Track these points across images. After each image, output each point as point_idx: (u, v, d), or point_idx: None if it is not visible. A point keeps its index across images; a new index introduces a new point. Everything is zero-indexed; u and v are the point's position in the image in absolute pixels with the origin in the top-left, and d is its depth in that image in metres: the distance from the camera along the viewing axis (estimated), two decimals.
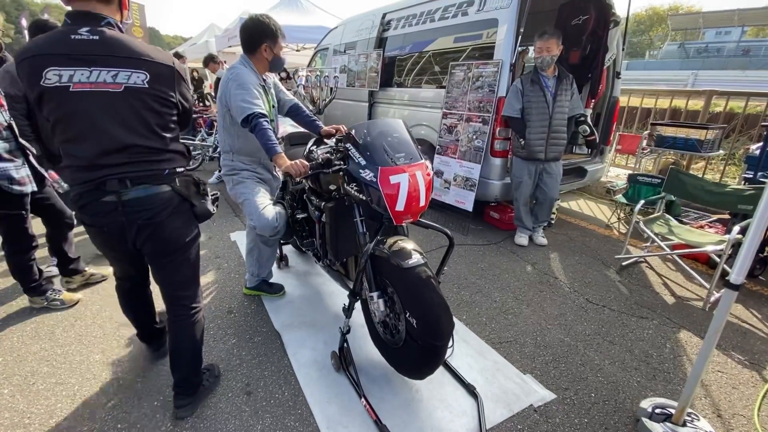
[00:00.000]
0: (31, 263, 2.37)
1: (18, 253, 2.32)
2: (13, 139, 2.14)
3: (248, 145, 2.13)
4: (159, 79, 1.38)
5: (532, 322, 2.40)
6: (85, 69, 1.28)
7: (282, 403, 1.79)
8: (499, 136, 3.43)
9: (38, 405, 1.76)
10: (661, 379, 1.98)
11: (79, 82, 1.27)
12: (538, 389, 1.86)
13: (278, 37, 2.04)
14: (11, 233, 2.25)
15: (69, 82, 1.27)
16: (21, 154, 2.16)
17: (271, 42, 2.03)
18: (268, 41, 2.02)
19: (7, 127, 2.11)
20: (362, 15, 5.50)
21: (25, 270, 2.36)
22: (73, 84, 1.27)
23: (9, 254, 2.32)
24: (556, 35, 3.05)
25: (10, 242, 2.29)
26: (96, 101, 1.30)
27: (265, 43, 2.03)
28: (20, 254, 2.32)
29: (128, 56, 1.32)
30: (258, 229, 2.15)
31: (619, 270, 3.06)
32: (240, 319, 2.39)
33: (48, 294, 2.45)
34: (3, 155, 2.05)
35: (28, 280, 2.39)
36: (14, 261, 2.33)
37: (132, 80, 1.33)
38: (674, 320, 2.46)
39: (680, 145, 3.88)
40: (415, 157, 1.66)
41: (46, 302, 2.44)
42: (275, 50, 2.06)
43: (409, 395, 1.81)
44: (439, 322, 1.52)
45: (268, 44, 2.03)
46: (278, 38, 2.05)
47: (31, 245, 2.32)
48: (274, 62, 2.10)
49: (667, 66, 23.51)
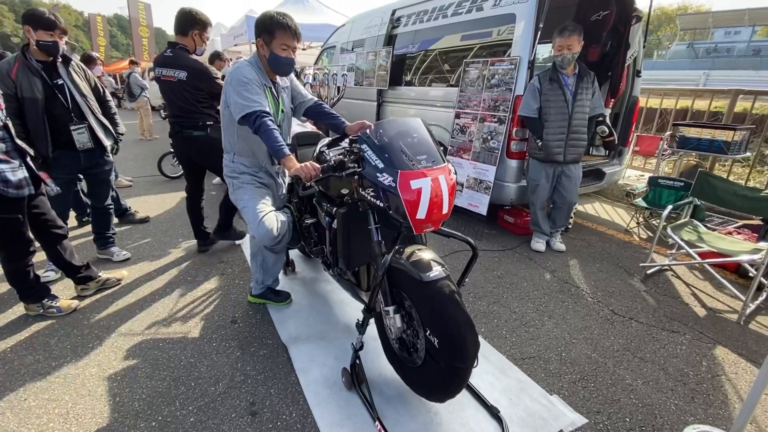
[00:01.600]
0: (27, 270, 2.24)
1: (14, 259, 2.19)
2: (10, 139, 2.02)
3: (248, 146, 2.01)
4: (192, 76, 2.70)
5: (556, 336, 2.25)
6: (164, 68, 2.73)
7: (290, 426, 1.65)
8: (515, 137, 3.28)
9: (29, 424, 1.64)
10: (701, 401, 1.82)
11: (162, 75, 2.74)
12: (567, 412, 1.71)
13: (275, 31, 1.84)
14: (6, 239, 2.12)
15: (159, 74, 2.74)
16: (18, 156, 2.04)
17: (266, 36, 1.87)
18: (263, 35, 1.88)
19: (3, 127, 1.99)
20: (371, 12, 5.37)
21: (21, 276, 2.24)
22: (161, 75, 2.73)
23: (4, 260, 2.20)
24: (578, 31, 2.89)
25: (6, 248, 2.16)
26: (168, 85, 2.74)
27: (259, 37, 1.90)
28: (16, 260, 2.19)
29: (180, 63, 2.68)
30: (257, 239, 2.03)
31: (644, 279, 2.90)
32: (245, 330, 2.25)
33: (44, 301, 2.33)
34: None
35: (25, 287, 2.27)
36: (9, 267, 2.21)
37: (179, 76, 2.69)
38: (708, 335, 2.29)
39: (704, 147, 3.69)
40: (437, 160, 1.52)
41: (42, 309, 2.33)
42: (272, 47, 1.88)
43: (427, 418, 1.67)
44: (464, 343, 1.37)
45: (262, 39, 1.89)
46: (275, 32, 1.85)
47: (27, 251, 2.20)
48: (270, 61, 1.91)
49: (675, 66, 23.14)
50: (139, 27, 18.16)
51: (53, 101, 2.50)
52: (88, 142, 2.67)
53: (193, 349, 2.09)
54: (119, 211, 3.77)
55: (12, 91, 2.34)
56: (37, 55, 2.44)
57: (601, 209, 4.48)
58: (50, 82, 2.48)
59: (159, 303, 2.52)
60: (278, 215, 2.06)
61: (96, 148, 2.75)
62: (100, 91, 2.90)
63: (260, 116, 1.76)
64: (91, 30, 19.93)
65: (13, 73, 2.37)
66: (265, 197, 2.07)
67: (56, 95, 2.51)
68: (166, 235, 3.58)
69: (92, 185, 2.95)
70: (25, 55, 2.41)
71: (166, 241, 3.45)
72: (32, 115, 2.43)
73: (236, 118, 1.82)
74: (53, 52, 2.44)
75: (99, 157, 2.82)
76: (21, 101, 2.39)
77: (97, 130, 2.72)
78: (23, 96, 2.39)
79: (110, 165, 2.96)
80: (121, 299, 2.55)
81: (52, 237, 2.36)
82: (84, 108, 2.66)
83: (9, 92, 2.33)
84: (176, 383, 1.86)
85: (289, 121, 2.16)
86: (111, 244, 3.10)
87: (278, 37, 1.85)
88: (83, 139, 2.64)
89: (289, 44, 1.88)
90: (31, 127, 2.45)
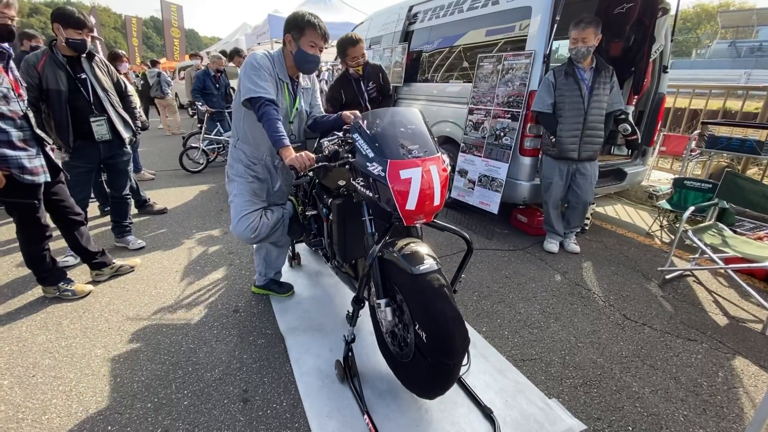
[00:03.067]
0: (44, 253, 2.36)
1: (30, 243, 2.31)
2: (29, 128, 2.12)
3: (252, 134, 2.01)
4: None
5: (561, 339, 2.16)
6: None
7: (279, 415, 1.65)
8: (529, 134, 3.18)
9: (34, 399, 1.71)
10: (713, 414, 1.71)
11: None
12: (565, 417, 1.64)
13: (305, 28, 1.84)
14: (24, 223, 2.24)
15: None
16: (36, 144, 2.15)
17: (295, 32, 1.86)
18: (292, 31, 1.87)
19: (23, 116, 2.09)
20: (388, 9, 5.35)
21: (38, 260, 2.36)
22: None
23: (22, 243, 2.32)
24: (594, 24, 2.77)
25: (23, 232, 2.28)
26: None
27: (288, 33, 1.90)
28: (33, 244, 2.31)
29: None
30: (234, 235, 2.10)
31: (662, 284, 2.75)
32: (245, 319, 2.28)
33: (60, 284, 2.44)
34: (16, 143, 2.03)
35: (41, 270, 2.39)
36: (27, 250, 2.33)
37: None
38: (728, 344, 2.15)
39: (735, 147, 3.48)
40: (430, 150, 1.48)
41: (57, 292, 2.44)
42: (300, 43, 1.87)
43: (417, 415, 1.63)
44: (452, 339, 1.33)
45: (291, 34, 1.89)
46: (305, 29, 1.84)
47: (44, 235, 2.31)
48: (296, 56, 1.90)
49: (715, 65, 21.92)
50: (171, 28, 18.82)
51: (76, 94, 2.62)
52: (107, 134, 2.78)
53: (194, 336, 2.13)
54: (138, 202, 3.91)
55: (36, 82, 2.47)
56: (63, 51, 2.56)
57: (623, 211, 4.30)
58: (74, 76, 2.60)
59: (167, 290, 2.59)
60: (265, 215, 2.07)
61: (115, 139, 2.85)
62: (122, 86, 3.01)
63: (265, 103, 1.76)
64: (127, 31, 20.83)
65: (40, 65, 2.50)
66: (255, 194, 2.07)
67: (79, 88, 2.63)
68: (180, 226, 3.68)
69: (111, 175, 3.07)
70: (52, 50, 2.54)
71: (180, 232, 3.55)
72: (56, 106, 2.55)
73: (241, 99, 1.84)
74: (81, 50, 2.56)
75: (117, 149, 2.93)
76: (46, 93, 2.52)
77: (116, 122, 2.82)
78: (48, 88, 2.51)
79: (128, 156, 3.07)
80: (132, 285, 2.64)
81: (70, 223, 2.48)
82: (104, 101, 2.77)
83: (33, 83, 2.45)
84: (174, 367, 1.91)
85: (301, 121, 2.16)
86: (128, 232, 3.22)
87: (307, 34, 1.85)
88: (102, 131, 2.75)
89: (316, 42, 1.88)
90: (54, 117, 2.58)
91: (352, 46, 2.97)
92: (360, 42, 2.99)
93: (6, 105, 1.99)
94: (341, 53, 3.06)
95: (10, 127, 2.01)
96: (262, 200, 2.12)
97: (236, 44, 10.24)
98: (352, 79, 3.18)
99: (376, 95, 3.29)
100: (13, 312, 2.33)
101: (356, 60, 3.02)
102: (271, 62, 1.89)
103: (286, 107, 1.99)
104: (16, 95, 2.05)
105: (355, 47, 2.98)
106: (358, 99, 3.20)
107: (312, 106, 2.19)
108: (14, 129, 2.03)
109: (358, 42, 2.97)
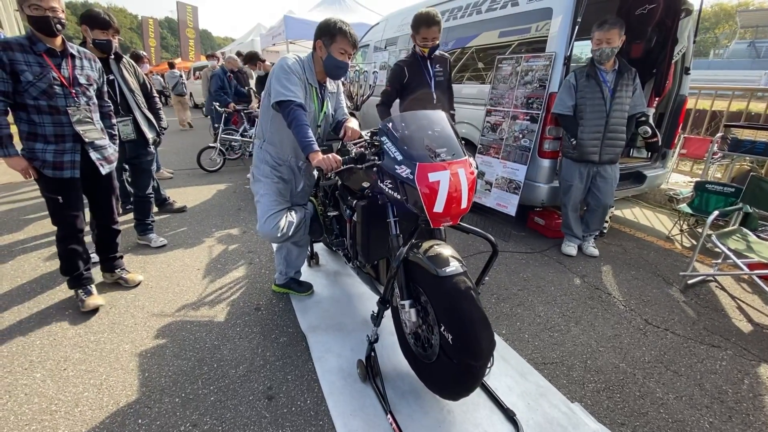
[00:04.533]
0: (69, 252, 2.29)
1: (58, 239, 2.29)
2: (69, 124, 2.08)
3: (278, 137, 2.05)
4: None
5: (582, 343, 2.15)
6: None
7: (304, 412, 1.68)
8: (549, 136, 3.16)
9: (66, 392, 1.77)
10: (739, 421, 1.68)
11: None
12: (588, 422, 1.63)
13: (336, 35, 1.88)
14: (53, 217, 2.24)
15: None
16: (72, 140, 2.11)
17: (327, 39, 1.90)
18: (324, 38, 1.91)
19: (64, 113, 2.06)
20: (405, 9, 5.35)
21: (63, 256, 2.32)
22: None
23: (56, 236, 2.30)
24: (619, 25, 2.75)
25: (56, 225, 2.26)
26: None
27: (320, 39, 1.93)
28: (59, 241, 2.29)
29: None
30: (261, 235, 2.11)
31: (684, 289, 2.71)
32: (267, 318, 2.32)
33: (79, 291, 2.37)
34: (49, 137, 2.05)
35: (66, 268, 2.34)
36: (57, 244, 2.31)
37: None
38: (753, 351, 2.11)
39: (760, 150, 3.41)
40: (458, 153, 1.49)
41: (76, 297, 2.38)
42: (330, 49, 1.90)
43: (440, 415, 1.64)
44: (478, 341, 1.34)
45: (322, 41, 1.92)
46: (336, 36, 1.88)
47: (72, 234, 2.26)
48: (326, 62, 1.94)
49: (734, 66, 21.43)
50: (186, 29, 19.09)
51: None
52: (132, 133, 2.85)
53: (217, 333, 2.18)
54: (159, 201, 3.99)
55: None
56: (92, 52, 2.62)
57: (641, 215, 4.24)
58: None
59: (189, 288, 2.64)
60: (290, 214, 2.10)
61: (139, 139, 2.92)
62: (148, 87, 3.08)
63: (294, 109, 1.79)
64: (143, 32, 21.18)
65: None
66: (280, 194, 2.10)
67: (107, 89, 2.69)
68: (201, 225, 3.74)
69: (135, 174, 3.14)
70: None
71: (200, 230, 3.61)
72: None
73: (271, 102, 1.88)
74: (107, 50, 2.62)
75: (142, 148, 3.00)
76: None
77: (141, 123, 2.89)
78: None
79: (152, 156, 3.14)
80: (156, 282, 2.70)
81: (108, 232, 2.52)
82: (131, 102, 2.83)
83: None
84: (200, 363, 1.95)
85: (327, 124, 2.20)
86: (150, 230, 3.29)
87: (338, 41, 1.89)
88: (127, 131, 2.81)
89: (347, 50, 1.92)
90: None
91: (426, 27, 2.70)
92: (436, 25, 2.70)
93: (47, 100, 2.01)
94: (414, 28, 2.79)
95: (47, 122, 2.03)
96: (286, 200, 2.15)
97: (251, 45, 10.38)
98: (420, 58, 2.89)
99: (443, 80, 2.98)
100: (42, 307, 2.40)
101: (425, 42, 2.77)
102: (301, 67, 1.93)
103: (314, 111, 2.02)
104: (65, 91, 2.05)
105: (429, 29, 2.71)
106: (424, 79, 2.89)
107: (336, 109, 2.22)
108: (51, 124, 2.04)
109: (434, 24, 2.69)
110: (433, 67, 2.89)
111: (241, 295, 2.55)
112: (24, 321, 2.26)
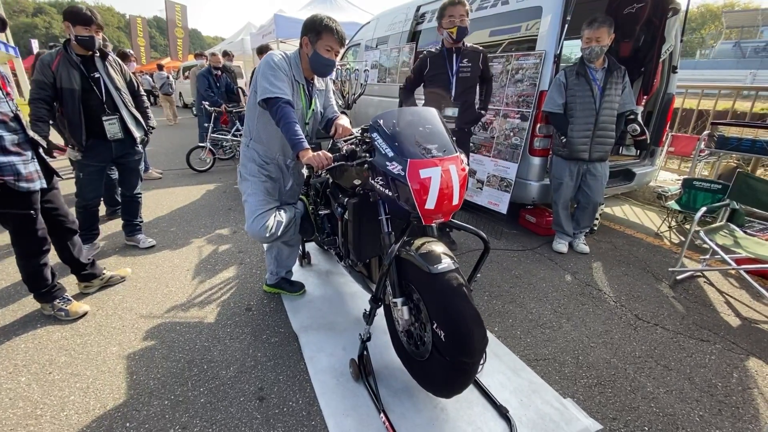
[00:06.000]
0: (42, 267, 2.16)
1: (26, 256, 2.11)
2: (22, 131, 1.95)
3: (266, 135, 2.02)
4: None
5: (573, 339, 2.16)
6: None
7: (295, 412, 1.66)
8: (539, 134, 3.18)
9: (52, 396, 1.73)
10: (728, 414, 1.70)
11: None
12: (581, 417, 1.64)
13: (322, 32, 1.85)
14: (19, 234, 2.05)
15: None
16: (30, 147, 1.98)
17: (313, 36, 1.87)
18: (310, 34, 1.88)
19: (14, 118, 1.91)
20: (396, 8, 5.35)
21: (36, 275, 2.16)
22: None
23: (18, 257, 2.12)
24: (608, 23, 2.77)
25: (20, 244, 2.07)
26: None
27: (306, 35, 1.90)
28: (30, 258, 2.12)
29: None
30: (249, 235, 2.07)
31: (673, 284, 2.74)
32: (258, 318, 2.29)
33: (56, 302, 2.25)
34: (9, 148, 1.85)
35: (39, 286, 2.19)
36: (23, 264, 2.13)
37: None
38: (741, 345, 2.14)
39: (746, 148, 3.47)
40: (449, 150, 1.48)
41: (52, 311, 2.25)
42: (316, 46, 1.87)
43: (433, 414, 1.64)
44: (471, 337, 1.33)
45: (308, 37, 1.89)
46: (322, 33, 1.85)
47: (40, 249, 2.11)
48: (312, 59, 1.91)
49: (720, 66, 21.82)
50: (176, 28, 18.86)
51: (89, 93, 2.63)
52: (119, 132, 2.79)
53: (208, 334, 2.14)
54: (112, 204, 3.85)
55: (50, 81, 2.48)
56: (77, 50, 2.57)
57: (631, 212, 4.29)
58: (87, 75, 2.62)
59: (179, 289, 2.60)
60: (278, 214, 2.06)
61: (126, 138, 2.87)
62: (135, 86, 3.03)
63: (282, 106, 1.76)
64: (132, 31, 20.87)
65: (54, 65, 2.51)
66: (268, 193, 2.07)
67: (92, 87, 2.64)
68: (190, 225, 3.69)
69: (122, 174, 3.09)
70: (66, 50, 2.55)
71: (189, 231, 3.56)
72: (69, 105, 2.57)
73: (258, 100, 1.84)
74: (90, 46, 2.57)
75: (129, 148, 2.94)
76: (60, 91, 2.53)
77: (128, 122, 2.84)
78: (62, 86, 2.52)
79: (140, 155, 3.09)
80: (144, 284, 2.65)
81: (64, 232, 2.29)
82: (117, 101, 2.78)
83: (47, 81, 2.47)
84: (190, 365, 1.92)
85: (316, 122, 2.17)
86: (138, 231, 3.24)
87: (324, 38, 1.86)
88: (114, 130, 2.76)
89: (333, 47, 1.89)
90: (67, 116, 2.59)
91: (451, 5, 2.63)
92: (461, 4, 2.62)
93: None
94: (439, 13, 2.73)
95: (2, 131, 1.84)
96: (275, 199, 2.12)
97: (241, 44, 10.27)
98: (445, 52, 2.82)
99: (470, 75, 2.86)
100: (27, 310, 2.34)
101: (452, 20, 2.66)
102: (288, 64, 1.90)
103: (302, 109, 2.00)
104: (3, 94, 1.88)
105: (455, 6, 2.63)
106: (444, 74, 2.83)
107: (325, 107, 2.20)
108: (6, 132, 1.85)
109: (459, 2, 2.62)
110: (459, 61, 2.82)
111: (232, 296, 2.52)
112: (8, 324, 2.20)
